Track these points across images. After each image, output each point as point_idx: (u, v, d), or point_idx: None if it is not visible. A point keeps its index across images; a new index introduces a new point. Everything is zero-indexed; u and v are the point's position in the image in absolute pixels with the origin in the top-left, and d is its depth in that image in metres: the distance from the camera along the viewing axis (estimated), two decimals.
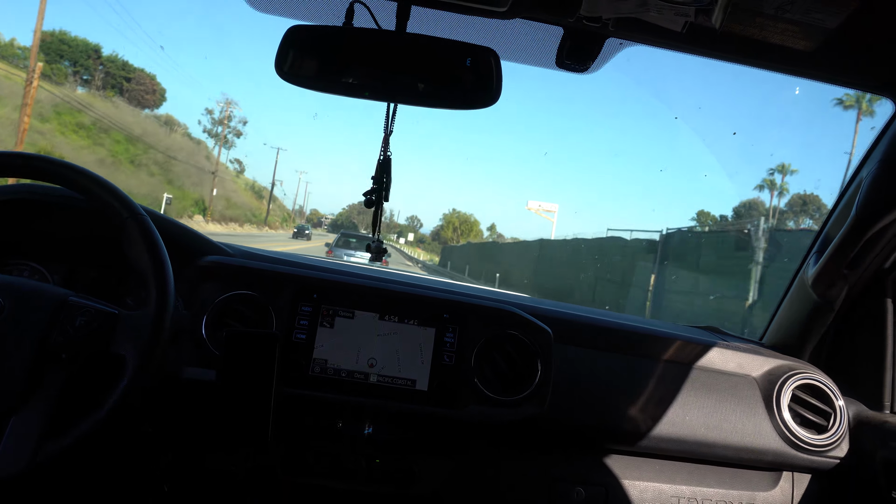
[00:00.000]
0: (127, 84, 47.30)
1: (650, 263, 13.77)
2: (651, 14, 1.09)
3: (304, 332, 1.37)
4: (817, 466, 1.55)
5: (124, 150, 35.13)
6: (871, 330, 1.62)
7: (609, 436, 1.52)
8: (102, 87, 44.22)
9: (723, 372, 1.59)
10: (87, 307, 1.07)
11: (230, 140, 61.00)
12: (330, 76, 1.14)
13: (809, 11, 1.01)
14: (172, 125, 47.94)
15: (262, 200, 62.17)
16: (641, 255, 14.49)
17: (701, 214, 29.99)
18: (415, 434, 1.47)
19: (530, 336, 1.43)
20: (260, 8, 1.29)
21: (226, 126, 55.82)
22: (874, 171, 1.43)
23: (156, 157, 37.69)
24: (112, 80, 46.22)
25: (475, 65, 1.12)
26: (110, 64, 46.35)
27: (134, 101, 46.30)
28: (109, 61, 46.24)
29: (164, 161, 38.64)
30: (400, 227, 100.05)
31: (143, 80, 48.76)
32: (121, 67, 47.34)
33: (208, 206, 42.03)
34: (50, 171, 1.14)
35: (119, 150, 34.74)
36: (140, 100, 47.83)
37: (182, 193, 38.32)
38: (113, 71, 46.49)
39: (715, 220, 29.89)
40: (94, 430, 1.03)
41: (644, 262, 14.18)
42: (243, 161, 73.06)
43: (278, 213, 71.69)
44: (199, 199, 41.60)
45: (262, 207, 60.63)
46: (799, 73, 1.35)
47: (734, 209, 30.39)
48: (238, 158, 72.61)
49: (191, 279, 1.37)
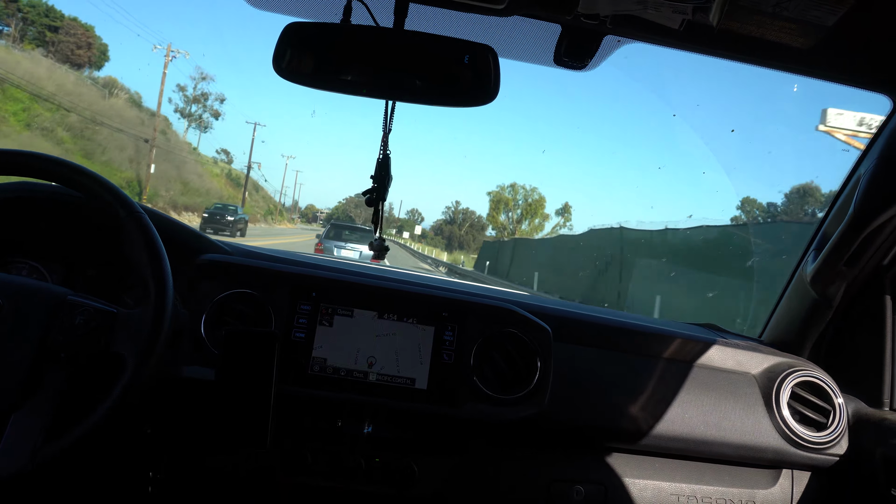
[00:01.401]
0: (52, 35, 37.26)
1: (774, 259, 10.42)
2: (649, 11, 1.09)
3: (303, 331, 1.37)
4: (817, 464, 1.55)
5: (22, 109, 26.83)
6: (870, 327, 1.62)
7: (608, 434, 1.52)
8: (20, 39, 35.32)
9: (722, 369, 1.59)
10: (86, 306, 1.07)
11: (206, 121, 53.73)
12: (328, 73, 1.14)
13: (807, 9, 1.01)
14: (113, 88, 37.68)
15: (240, 189, 52.36)
16: (749, 249, 11.36)
17: (746, 202, 27.59)
18: (414, 433, 1.47)
19: (529, 334, 1.43)
20: (258, 5, 1.29)
21: (201, 104, 50.05)
22: (872, 167, 1.43)
23: (69, 122, 29.33)
24: (34, 29, 36.77)
25: (473, 62, 1.12)
26: (30, 10, 36.97)
27: (60, 57, 36.04)
28: (30, 6, 37.05)
29: (84, 128, 30.11)
30: (400, 222, 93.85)
31: (74, 31, 38.28)
32: (43, 14, 37.54)
33: (144, 187, 32.09)
34: (48, 169, 1.14)
35: (12, 109, 26.26)
36: (69, 55, 37.33)
37: (108, 170, 28.42)
38: (33, 18, 36.92)
39: (762, 209, 27.66)
40: (93, 429, 1.03)
41: (767, 257, 10.74)
42: (231, 152, 64.83)
43: (261, 205, 60.85)
44: (133, 178, 32.25)
45: (238, 196, 50.30)
46: (797, 71, 1.35)
47: (785, 195, 27.70)
48: (226, 149, 65.70)
49: (189, 278, 1.37)
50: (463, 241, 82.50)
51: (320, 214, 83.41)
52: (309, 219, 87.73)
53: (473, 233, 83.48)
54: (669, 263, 13.61)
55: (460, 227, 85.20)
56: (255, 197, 58.38)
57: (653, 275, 13.77)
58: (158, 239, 1.14)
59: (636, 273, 14.34)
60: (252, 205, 53.71)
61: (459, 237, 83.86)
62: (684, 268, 12.99)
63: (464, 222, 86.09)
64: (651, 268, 14.03)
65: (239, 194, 50.36)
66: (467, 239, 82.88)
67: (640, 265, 14.50)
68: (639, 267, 14.50)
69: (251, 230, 36.98)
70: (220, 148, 69.24)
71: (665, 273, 13.44)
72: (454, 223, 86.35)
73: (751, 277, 10.76)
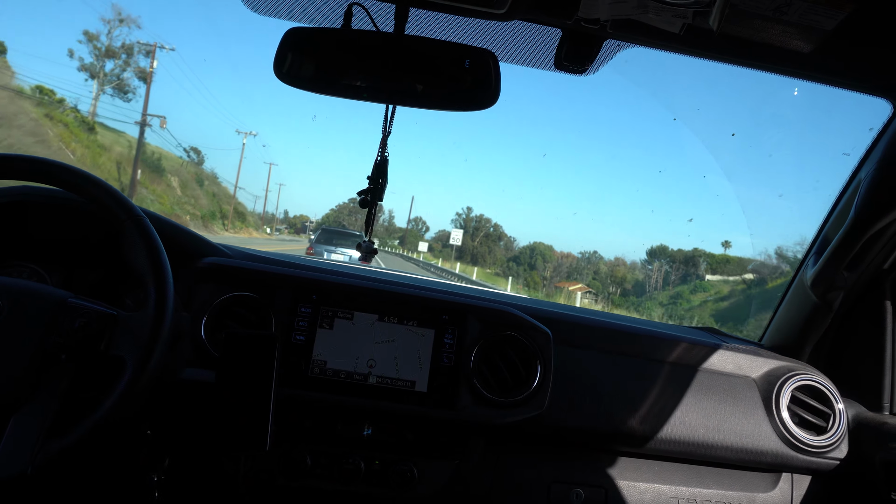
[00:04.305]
0: None
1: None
2: (649, 16, 1.09)
3: (303, 334, 1.37)
4: (817, 468, 1.55)
5: None
6: (870, 331, 1.62)
7: (608, 437, 1.52)
8: None
9: (722, 373, 1.59)
10: (86, 309, 1.07)
11: (125, 83, 36.01)
12: (329, 78, 1.14)
13: (807, 14, 1.01)
14: None
15: (201, 189, 41.39)
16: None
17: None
18: (414, 436, 1.47)
19: (529, 337, 1.44)
20: (258, 10, 1.29)
21: (119, 59, 33.56)
22: (872, 172, 1.43)
23: None
24: None
25: (474, 66, 1.12)
26: None
27: None
28: None
29: None
30: (401, 232, 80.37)
31: None
32: None
33: None
34: (49, 173, 1.14)
35: None
36: None
37: None
38: None
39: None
40: (93, 432, 1.03)
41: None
42: (202, 151, 50.71)
43: (204, 203, 42.00)
44: None
45: (198, 199, 39.83)
46: (797, 75, 1.35)
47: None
48: (196, 147, 51.31)
49: (189, 281, 1.38)
50: (477, 253, 70.51)
51: (310, 224, 78.70)
52: (298, 229, 79.74)
53: (489, 244, 72.12)
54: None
55: (473, 238, 72.62)
56: (196, 191, 41.60)
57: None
58: (159, 242, 1.14)
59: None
60: (186, 200, 37.97)
61: (473, 249, 71.52)
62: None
63: (477, 231, 73.71)
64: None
65: (195, 195, 37.41)
66: (482, 251, 71.13)
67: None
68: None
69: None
70: (188, 146, 54.46)
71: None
72: (466, 232, 71.91)
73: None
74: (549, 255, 63.14)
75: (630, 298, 43.25)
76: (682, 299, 33.78)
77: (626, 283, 52.23)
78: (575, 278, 56.45)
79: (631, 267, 56.41)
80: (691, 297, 33.70)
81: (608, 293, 49.30)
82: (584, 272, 58.80)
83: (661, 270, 48.16)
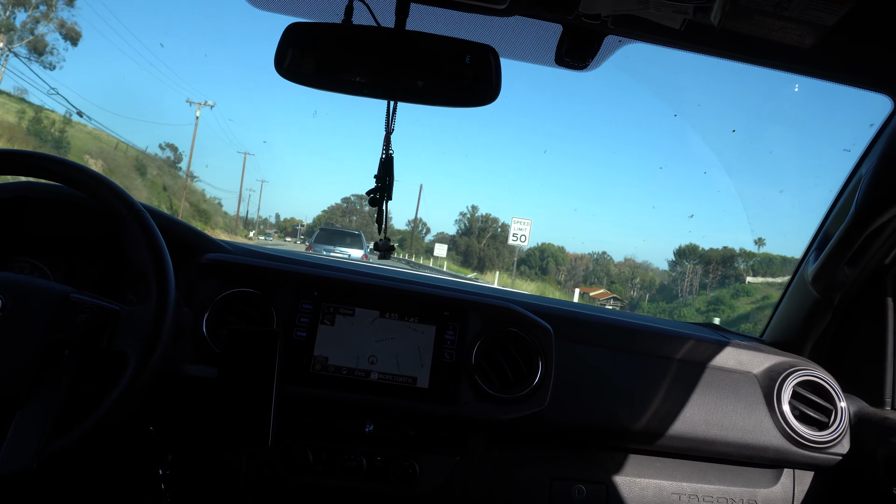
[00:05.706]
0: None
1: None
2: (650, 11, 1.09)
3: (304, 330, 1.38)
4: (818, 463, 1.55)
5: None
6: (872, 326, 1.62)
7: (609, 433, 1.52)
8: None
9: (723, 369, 1.59)
10: (89, 304, 1.08)
11: (49, 45, 27.05)
12: (329, 74, 1.14)
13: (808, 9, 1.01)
14: None
15: (142, 179, 34.07)
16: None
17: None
18: (416, 432, 1.47)
19: (531, 333, 1.44)
20: (259, 5, 1.29)
21: (33, 13, 24.17)
22: (873, 167, 1.43)
23: None
24: None
25: (474, 62, 1.12)
26: None
27: None
28: None
29: None
30: (401, 234, 69.82)
31: None
32: None
33: None
34: (51, 168, 1.14)
35: None
36: None
37: None
38: None
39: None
40: (96, 427, 1.03)
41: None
42: (178, 148, 46.82)
43: (166, 202, 34.75)
44: None
45: (132, 191, 15.18)
46: (797, 71, 1.35)
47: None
48: (171, 143, 47.34)
49: (191, 277, 1.38)
50: (484, 256, 64.08)
51: (300, 228, 75.01)
52: (288, 232, 75.21)
53: (497, 245, 64.64)
54: None
55: (479, 239, 66.27)
56: (135, 181, 33.64)
57: None
58: (160, 237, 1.15)
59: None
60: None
61: (479, 251, 65.23)
62: None
63: (483, 232, 66.98)
64: None
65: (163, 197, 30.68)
66: (489, 253, 64.31)
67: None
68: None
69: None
70: (163, 142, 50.45)
71: None
72: (471, 233, 66.93)
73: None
74: (561, 256, 59.99)
75: (660, 304, 39.34)
76: (723, 305, 29.46)
77: (652, 288, 48.93)
78: (593, 282, 53.46)
79: (643, 266, 54.84)
80: (734, 303, 29.73)
81: (631, 298, 45.95)
82: (600, 275, 56.06)
83: (696, 272, 43.86)
